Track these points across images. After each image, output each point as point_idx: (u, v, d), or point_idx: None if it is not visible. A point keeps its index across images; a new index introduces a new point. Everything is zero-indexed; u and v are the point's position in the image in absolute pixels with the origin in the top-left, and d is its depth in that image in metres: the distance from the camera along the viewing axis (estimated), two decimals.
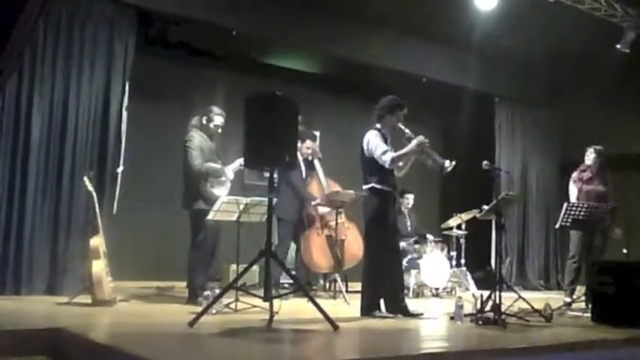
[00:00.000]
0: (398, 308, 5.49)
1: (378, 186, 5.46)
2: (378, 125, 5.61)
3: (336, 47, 8.59)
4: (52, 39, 6.64)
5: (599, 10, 8.30)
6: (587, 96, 10.14)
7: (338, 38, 8.50)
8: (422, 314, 5.54)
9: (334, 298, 7.00)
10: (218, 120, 6.27)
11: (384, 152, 5.40)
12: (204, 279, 6.10)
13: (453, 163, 5.41)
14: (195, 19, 7.60)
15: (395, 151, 5.46)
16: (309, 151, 7.35)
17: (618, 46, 8.71)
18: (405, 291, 6.55)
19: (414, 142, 5.42)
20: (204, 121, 6.25)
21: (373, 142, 5.47)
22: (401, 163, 5.57)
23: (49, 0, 5.50)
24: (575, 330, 5.16)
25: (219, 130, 6.31)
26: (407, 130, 5.54)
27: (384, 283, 5.48)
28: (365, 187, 5.55)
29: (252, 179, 8.73)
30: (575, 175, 7.20)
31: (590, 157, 7.15)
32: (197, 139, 6.14)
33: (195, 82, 8.33)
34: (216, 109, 6.29)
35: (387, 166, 5.40)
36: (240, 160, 6.12)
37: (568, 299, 6.78)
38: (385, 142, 5.53)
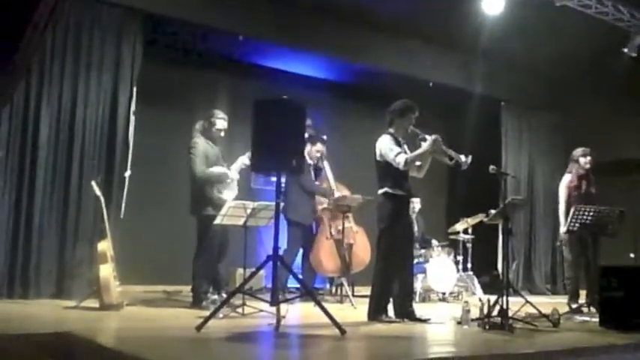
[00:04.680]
0: (405, 313, 5.49)
1: (392, 190, 5.46)
2: (391, 129, 5.61)
3: (342, 52, 8.61)
4: (60, 44, 6.68)
5: (606, 15, 8.30)
6: (594, 100, 10.10)
7: (344, 43, 8.52)
8: (429, 319, 5.52)
9: (341, 302, 6.99)
10: (221, 124, 6.26)
11: (398, 154, 5.40)
12: (209, 285, 6.10)
13: (470, 157, 5.40)
14: (203, 23, 7.63)
15: (410, 154, 5.48)
16: (319, 154, 7.36)
17: (625, 50, 8.70)
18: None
19: (428, 141, 5.43)
20: (207, 125, 6.25)
21: (386, 146, 5.47)
22: (418, 163, 5.57)
23: (56, 11, 5.52)
24: (582, 335, 5.13)
25: (222, 134, 6.32)
26: (420, 132, 5.55)
27: (393, 287, 5.49)
28: (379, 191, 5.54)
29: (259, 184, 8.74)
30: (573, 181, 7.08)
31: (588, 160, 7.08)
32: (201, 145, 6.14)
33: (202, 87, 8.35)
34: (218, 113, 6.29)
35: (401, 167, 5.39)
36: (243, 158, 6.12)
37: (574, 305, 6.74)
38: (399, 145, 5.53)
